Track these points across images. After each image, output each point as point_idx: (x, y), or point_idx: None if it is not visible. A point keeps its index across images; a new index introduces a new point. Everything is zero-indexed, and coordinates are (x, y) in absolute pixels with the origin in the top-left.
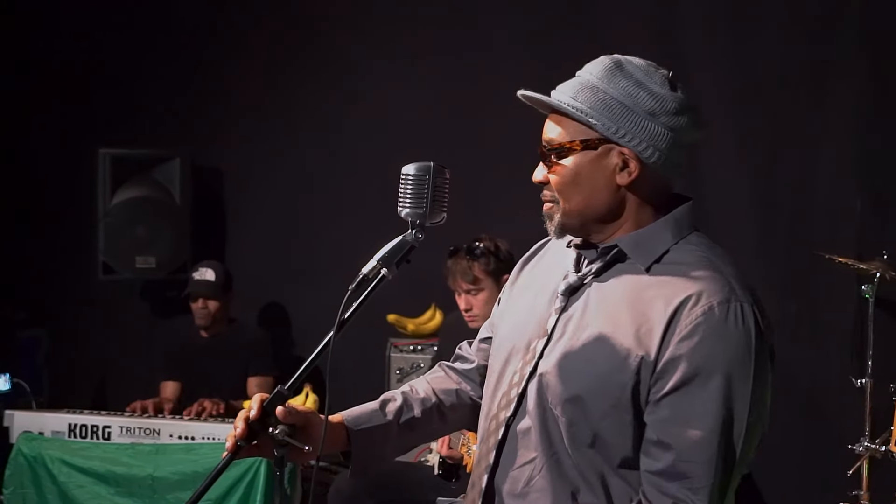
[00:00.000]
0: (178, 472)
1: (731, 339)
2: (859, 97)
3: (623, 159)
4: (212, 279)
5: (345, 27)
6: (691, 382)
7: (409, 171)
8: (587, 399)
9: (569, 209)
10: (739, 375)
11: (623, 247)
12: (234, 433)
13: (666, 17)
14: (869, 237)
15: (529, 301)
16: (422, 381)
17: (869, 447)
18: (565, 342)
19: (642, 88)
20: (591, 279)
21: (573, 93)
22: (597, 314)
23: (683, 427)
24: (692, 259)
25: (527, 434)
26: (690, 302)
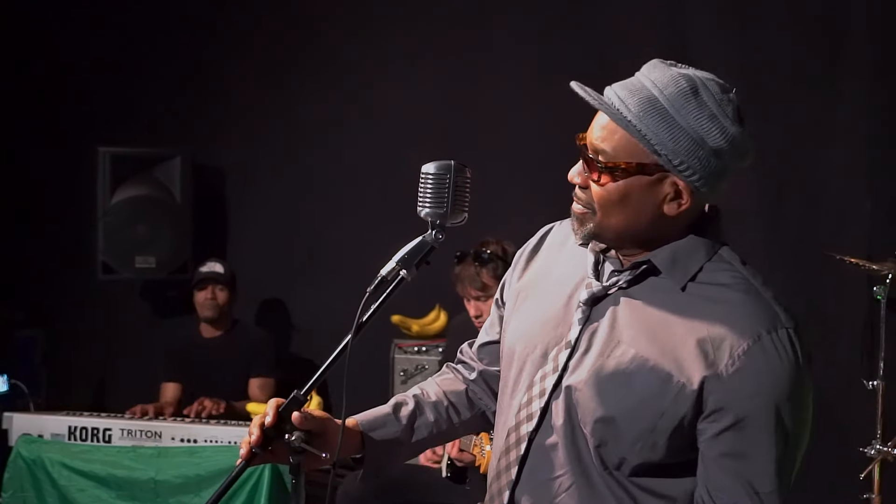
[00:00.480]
0: (181, 476)
1: (782, 369)
2: (870, 97)
3: (675, 190)
4: (220, 271)
5: (346, 26)
6: (748, 417)
7: (430, 170)
8: (621, 422)
9: (606, 224)
10: (793, 404)
11: (658, 263)
12: (249, 439)
13: (672, 17)
14: (879, 238)
15: (540, 303)
16: (431, 383)
17: (881, 450)
18: (594, 358)
19: (715, 124)
20: (616, 291)
21: (639, 108)
22: (629, 331)
23: (745, 462)
24: (729, 280)
25: (553, 450)
26: (737, 330)
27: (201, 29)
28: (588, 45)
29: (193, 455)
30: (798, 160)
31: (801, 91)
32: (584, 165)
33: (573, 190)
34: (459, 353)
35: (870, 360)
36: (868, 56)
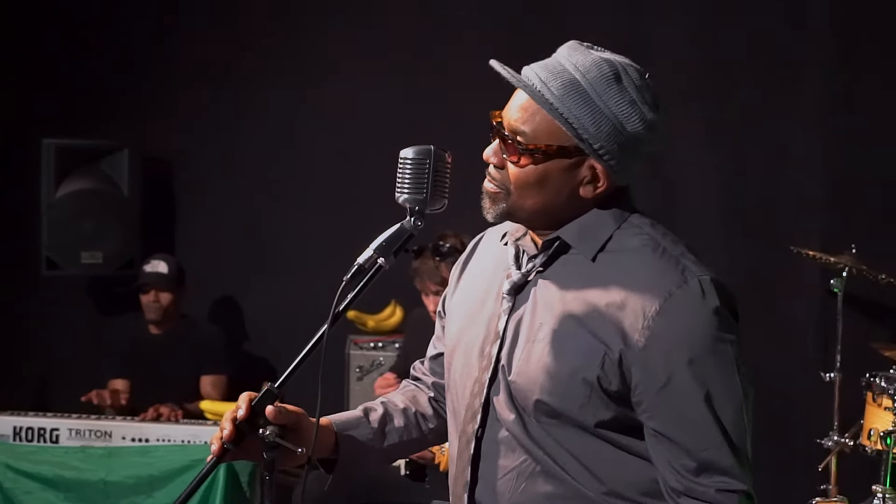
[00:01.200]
0: (133, 476)
1: (697, 318)
2: (828, 92)
3: (593, 174)
4: (164, 271)
5: (299, 19)
6: (675, 374)
7: (408, 155)
8: (558, 402)
9: (521, 205)
10: (717, 349)
11: (566, 238)
12: (221, 435)
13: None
14: (835, 232)
15: (473, 307)
16: (396, 394)
17: (838, 441)
18: (522, 344)
19: (635, 110)
20: (535, 275)
21: (562, 91)
22: (550, 311)
23: (686, 420)
24: (637, 242)
25: (506, 442)
26: (647, 291)
27: (150, 19)
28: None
29: (145, 455)
30: (756, 155)
31: (758, 86)
32: (500, 145)
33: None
34: (413, 369)
35: (826, 352)
36: (825, 52)
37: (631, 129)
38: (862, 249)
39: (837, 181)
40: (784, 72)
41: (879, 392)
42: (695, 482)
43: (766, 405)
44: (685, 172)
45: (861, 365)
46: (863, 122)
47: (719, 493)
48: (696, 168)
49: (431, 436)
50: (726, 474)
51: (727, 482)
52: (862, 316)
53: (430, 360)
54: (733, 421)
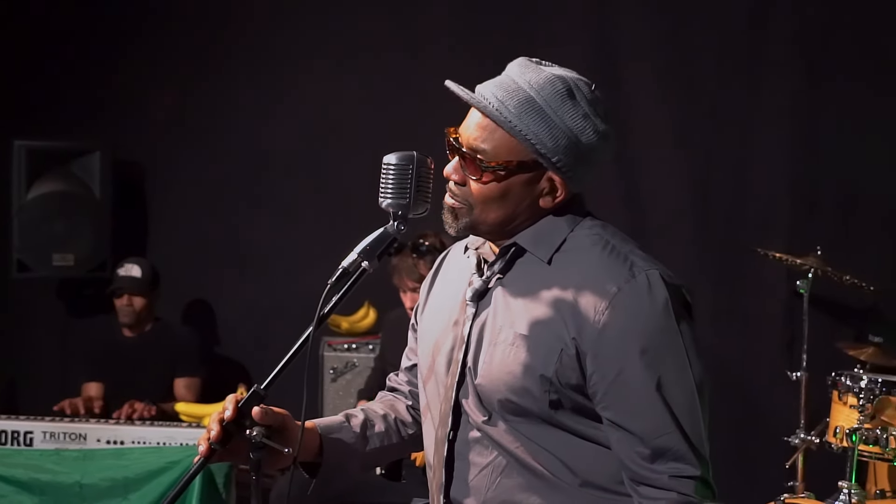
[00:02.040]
0: (108, 479)
1: (645, 310)
2: (793, 95)
3: (551, 185)
4: (138, 275)
5: (271, 21)
6: (627, 365)
7: (391, 161)
8: (520, 398)
9: (484, 219)
10: (667, 340)
11: (522, 244)
12: (208, 436)
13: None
14: (801, 234)
15: (441, 317)
16: (375, 402)
17: (805, 439)
18: (486, 348)
19: (588, 122)
20: (495, 282)
21: (518, 109)
22: (509, 314)
23: (638, 409)
24: (589, 242)
25: (477, 443)
26: (598, 287)
27: (121, 20)
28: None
29: (121, 457)
30: (723, 158)
31: (725, 90)
32: (460, 162)
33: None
34: (388, 380)
35: (793, 352)
36: (790, 56)
37: (586, 141)
38: (827, 251)
39: (803, 184)
40: (749, 76)
41: (844, 390)
42: (649, 469)
43: (735, 404)
44: (653, 176)
45: (827, 364)
46: (827, 126)
47: (673, 479)
48: (665, 172)
49: (410, 441)
50: (680, 460)
51: (681, 468)
52: (827, 316)
53: (404, 371)
54: (686, 409)
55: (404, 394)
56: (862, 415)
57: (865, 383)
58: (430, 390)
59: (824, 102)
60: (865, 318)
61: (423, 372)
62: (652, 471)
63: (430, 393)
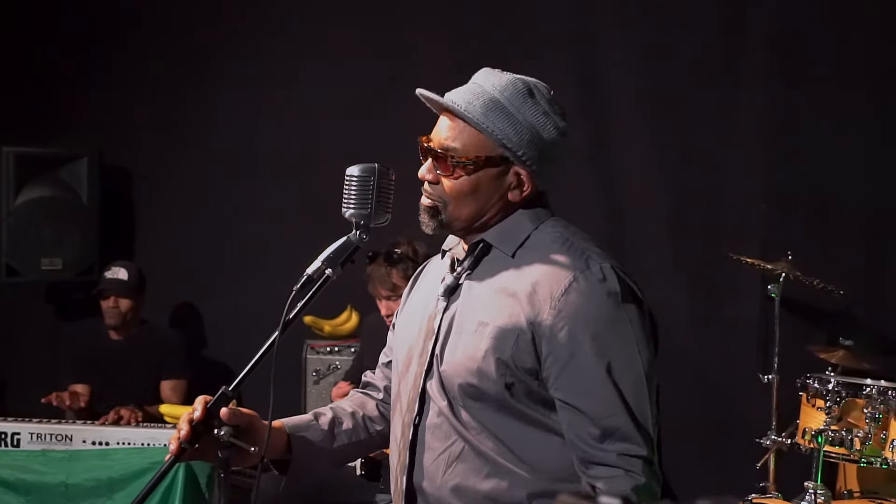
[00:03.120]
0: (93, 479)
1: (598, 298)
2: (767, 100)
3: (518, 178)
4: (124, 278)
5: (260, 26)
6: (579, 348)
7: (354, 173)
8: (480, 382)
9: (458, 215)
10: (617, 328)
11: (489, 239)
12: (178, 435)
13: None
14: (774, 239)
15: (418, 315)
16: (345, 401)
17: (776, 440)
18: (452, 337)
19: (548, 119)
20: (465, 277)
21: (484, 108)
22: (475, 304)
23: (588, 392)
24: (550, 239)
25: (437, 428)
26: (555, 276)
27: (109, 26)
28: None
29: (105, 458)
30: (697, 162)
31: (700, 94)
32: (433, 164)
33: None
34: (364, 376)
35: (765, 354)
36: (766, 60)
37: (547, 137)
38: (799, 256)
39: (777, 190)
40: (724, 82)
41: (813, 393)
42: (598, 448)
43: (709, 405)
44: (629, 182)
45: (798, 367)
46: (800, 132)
47: (620, 457)
48: (641, 178)
49: (378, 438)
50: (627, 440)
51: (628, 448)
52: (799, 319)
53: (381, 368)
54: (633, 392)
55: (377, 388)
56: (829, 417)
57: (833, 386)
58: (402, 381)
59: (798, 108)
60: (837, 322)
61: (398, 365)
62: (601, 450)
63: (401, 384)
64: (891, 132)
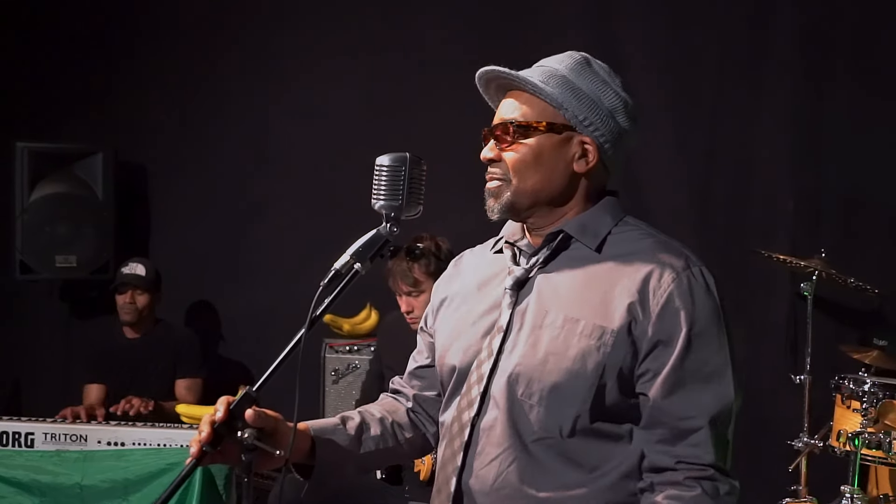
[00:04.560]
0: (108, 480)
1: (702, 299)
2: (794, 98)
3: (583, 148)
4: (142, 273)
5: (273, 22)
6: (681, 346)
7: (384, 162)
8: (566, 385)
9: (523, 188)
10: (717, 331)
11: (570, 231)
12: (199, 437)
13: (602, 18)
14: (803, 237)
15: (468, 310)
16: (374, 405)
17: (808, 443)
18: (528, 332)
19: (608, 87)
20: (536, 271)
21: (542, 78)
22: (556, 299)
23: (680, 390)
24: (638, 235)
25: (492, 430)
26: (656, 274)
27: (124, 22)
28: (518, 43)
29: (121, 458)
30: (725, 160)
31: (728, 92)
32: (495, 143)
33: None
34: (392, 383)
35: (796, 355)
36: (793, 58)
37: (608, 104)
38: (831, 254)
39: (807, 187)
40: (751, 79)
41: (848, 394)
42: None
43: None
44: (659, 179)
45: (831, 367)
46: (831, 129)
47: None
48: (669, 175)
49: (407, 446)
50: (698, 446)
51: (697, 454)
52: (831, 319)
53: (410, 374)
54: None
55: (407, 396)
56: (865, 419)
57: (869, 387)
58: (457, 382)
59: (827, 105)
60: (870, 322)
61: (454, 363)
62: (667, 453)
63: (453, 383)
64: None
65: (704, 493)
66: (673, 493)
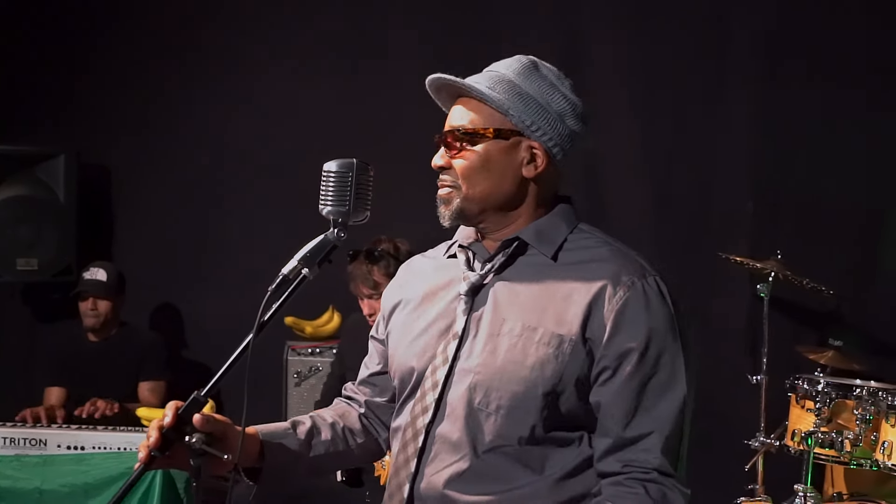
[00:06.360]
0: (68, 485)
1: (657, 308)
2: (753, 101)
3: (532, 153)
4: (103, 279)
5: (235, 24)
6: (634, 355)
7: (331, 168)
8: (525, 393)
9: (472, 195)
10: (671, 340)
11: (526, 238)
12: (148, 443)
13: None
14: (761, 238)
15: (421, 316)
16: (326, 410)
17: (764, 442)
18: (485, 339)
19: (556, 91)
20: (492, 277)
21: (489, 83)
22: (513, 307)
23: (631, 399)
24: (594, 243)
25: (447, 437)
26: (611, 282)
27: (87, 22)
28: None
29: (81, 462)
30: (685, 161)
31: (687, 93)
32: (444, 150)
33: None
34: (344, 389)
35: (753, 355)
36: (752, 60)
37: (556, 108)
38: (788, 255)
39: (765, 189)
40: (711, 80)
41: (802, 394)
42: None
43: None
44: (618, 180)
45: (787, 367)
46: (788, 133)
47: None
48: (630, 176)
49: (358, 451)
50: (647, 451)
51: (645, 458)
52: (789, 320)
53: (362, 380)
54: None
55: (359, 402)
56: (819, 418)
57: (822, 387)
58: (411, 387)
59: (786, 107)
60: (826, 322)
61: (405, 371)
62: (617, 459)
63: (408, 388)
64: (880, 130)
65: (647, 495)
66: (612, 492)
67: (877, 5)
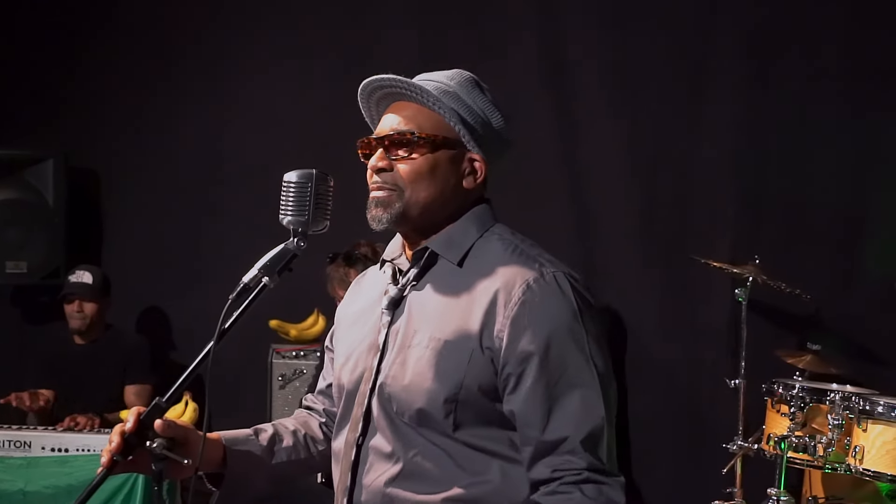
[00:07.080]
0: (52, 486)
1: (555, 306)
2: (735, 106)
3: (472, 165)
4: (89, 281)
5: (224, 29)
6: (531, 361)
7: (291, 179)
8: (429, 402)
9: (416, 200)
10: (575, 334)
11: (435, 247)
12: (110, 447)
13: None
14: (742, 243)
15: (359, 331)
16: (289, 419)
17: (742, 446)
18: (397, 352)
19: (497, 108)
20: (410, 289)
21: (438, 91)
22: (423, 318)
23: (542, 403)
24: (498, 247)
25: (380, 448)
26: (508, 286)
27: (74, 27)
28: (466, 47)
29: (65, 465)
30: (666, 165)
31: (669, 98)
32: (385, 151)
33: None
34: (304, 399)
35: (732, 359)
36: (734, 65)
37: (496, 125)
38: (767, 260)
39: (743, 195)
40: (693, 84)
41: (778, 399)
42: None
43: (676, 410)
44: (599, 186)
45: (766, 371)
46: (766, 137)
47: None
48: (611, 182)
49: (319, 458)
50: (572, 453)
51: (571, 461)
52: (767, 324)
53: (320, 391)
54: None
55: (318, 412)
56: (793, 422)
57: (797, 391)
58: (348, 399)
59: (766, 111)
60: (805, 326)
61: (343, 382)
62: (544, 464)
63: (346, 402)
64: (859, 135)
65: (584, 496)
66: (549, 501)
67: (860, 7)
